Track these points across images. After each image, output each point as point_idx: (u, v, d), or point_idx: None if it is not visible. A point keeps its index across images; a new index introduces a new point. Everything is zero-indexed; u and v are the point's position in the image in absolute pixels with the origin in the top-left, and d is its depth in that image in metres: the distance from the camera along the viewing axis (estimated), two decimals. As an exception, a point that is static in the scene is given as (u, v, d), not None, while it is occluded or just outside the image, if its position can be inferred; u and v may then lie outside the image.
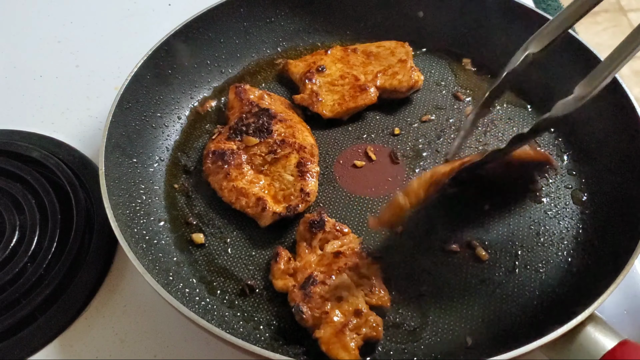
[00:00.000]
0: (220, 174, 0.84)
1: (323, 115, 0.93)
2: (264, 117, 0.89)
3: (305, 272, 0.74)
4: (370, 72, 0.97)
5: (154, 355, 0.75)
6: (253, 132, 0.87)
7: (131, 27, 1.18)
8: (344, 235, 0.78)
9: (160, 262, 0.77)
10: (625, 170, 0.83)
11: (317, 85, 0.96)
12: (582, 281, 0.76)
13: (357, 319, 0.69)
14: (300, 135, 0.88)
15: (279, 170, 0.84)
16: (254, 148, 0.86)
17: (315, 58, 1.00)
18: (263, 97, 0.94)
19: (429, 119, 0.96)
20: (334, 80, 0.97)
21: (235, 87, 0.95)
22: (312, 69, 0.97)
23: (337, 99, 0.94)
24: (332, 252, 0.75)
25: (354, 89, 0.95)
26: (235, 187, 0.82)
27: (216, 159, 0.85)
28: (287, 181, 0.83)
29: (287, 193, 0.82)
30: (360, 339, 0.68)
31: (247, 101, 0.92)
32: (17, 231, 0.82)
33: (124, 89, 0.87)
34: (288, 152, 0.85)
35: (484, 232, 0.82)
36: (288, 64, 1.01)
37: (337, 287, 0.71)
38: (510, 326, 0.73)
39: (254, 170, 0.85)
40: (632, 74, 1.98)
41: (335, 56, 1.00)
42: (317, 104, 0.93)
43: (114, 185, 0.79)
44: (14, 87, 1.08)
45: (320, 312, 0.69)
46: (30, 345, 0.75)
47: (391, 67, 0.97)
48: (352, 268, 0.73)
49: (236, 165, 0.85)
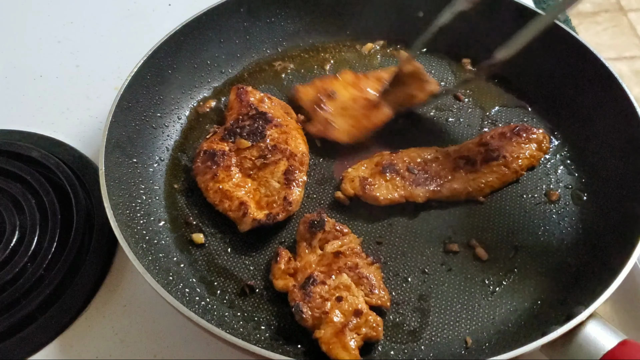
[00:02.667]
0: (208, 174, 0.84)
1: (341, 142, 0.91)
2: (259, 120, 0.88)
3: (306, 272, 0.74)
4: None
5: (154, 355, 0.75)
6: (247, 135, 0.87)
7: (131, 27, 1.18)
8: (344, 235, 0.78)
9: (160, 262, 0.77)
10: (625, 170, 0.83)
11: (329, 113, 0.93)
12: (582, 281, 0.76)
13: (357, 319, 0.69)
14: (293, 143, 0.87)
15: (266, 176, 0.84)
16: (245, 151, 0.86)
17: (325, 83, 0.97)
18: (263, 100, 0.93)
19: (431, 116, 0.96)
20: (345, 105, 0.94)
21: (237, 88, 0.94)
22: (322, 96, 0.94)
23: (352, 124, 0.91)
24: (332, 252, 0.75)
25: (366, 109, 0.92)
26: (220, 189, 0.82)
27: (206, 158, 0.85)
28: (273, 188, 0.83)
29: (270, 200, 0.81)
30: (360, 339, 0.68)
31: (247, 103, 0.91)
32: (17, 231, 0.82)
33: (124, 89, 0.87)
34: (278, 158, 0.84)
35: (484, 232, 0.82)
36: (297, 90, 0.97)
37: (337, 287, 0.71)
38: (510, 326, 0.73)
39: (242, 174, 0.85)
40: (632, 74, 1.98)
41: (346, 81, 0.97)
42: (333, 131, 0.91)
43: (114, 185, 0.79)
44: (14, 87, 1.07)
45: (320, 312, 0.69)
46: (30, 345, 0.75)
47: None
48: (352, 268, 0.73)
49: (225, 167, 0.84)
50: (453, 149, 0.88)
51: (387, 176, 0.83)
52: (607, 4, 2.35)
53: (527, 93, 0.99)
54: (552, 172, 0.89)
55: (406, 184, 0.83)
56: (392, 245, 0.81)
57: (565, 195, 0.86)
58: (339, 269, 0.73)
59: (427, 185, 0.83)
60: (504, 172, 0.86)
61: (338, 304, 0.70)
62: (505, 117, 0.96)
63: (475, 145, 0.88)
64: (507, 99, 0.99)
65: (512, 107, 0.98)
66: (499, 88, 1.00)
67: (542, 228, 0.83)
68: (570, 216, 0.84)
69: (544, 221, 0.83)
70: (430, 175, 0.84)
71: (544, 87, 0.97)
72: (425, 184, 0.83)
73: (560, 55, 0.95)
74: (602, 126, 0.89)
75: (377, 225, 0.83)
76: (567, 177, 0.89)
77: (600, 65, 0.89)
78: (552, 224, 0.83)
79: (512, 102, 0.98)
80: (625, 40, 2.24)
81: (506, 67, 1.02)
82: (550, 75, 0.96)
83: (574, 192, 0.87)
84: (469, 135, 0.94)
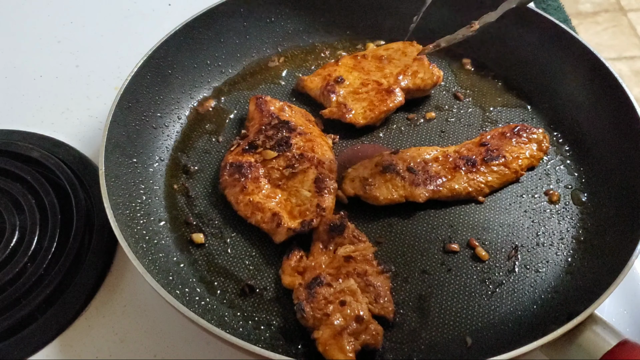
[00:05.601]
0: (237, 187, 0.82)
1: (357, 124, 0.91)
2: (283, 129, 0.87)
3: (314, 272, 0.74)
4: (389, 75, 0.96)
5: (154, 355, 0.75)
6: (272, 145, 0.85)
7: (131, 27, 1.18)
8: (359, 241, 0.77)
9: (160, 262, 0.77)
10: (625, 170, 0.83)
11: (342, 96, 0.94)
12: (582, 281, 0.76)
13: (357, 325, 0.68)
14: (320, 150, 0.86)
15: (296, 186, 0.82)
16: (272, 161, 0.84)
17: (328, 70, 0.98)
18: (284, 109, 0.92)
19: (431, 116, 0.96)
20: (356, 89, 0.95)
21: (255, 98, 0.93)
22: (330, 82, 0.96)
23: (366, 106, 0.92)
24: (344, 256, 0.75)
25: (380, 94, 0.93)
26: (251, 201, 0.80)
27: (233, 171, 0.83)
28: (304, 197, 0.81)
29: (303, 209, 0.80)
30: (358, 344, 0.68)
31: (268, 113, 0.90)
32: (17, 231, 0.82)
33: (124, 89, 0.87)
34: (306, 167, 0.83)
35: (484, 232, 0.82)
36: (303, 80, 0.98)
37: (342, 291, 0.71)
38: (510, 326, 0.73)
39: (271, 185, 0.83)
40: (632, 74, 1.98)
41: (347, 65, 0.99)
42: (349, 114, 0.91)
43: (114, 185, 0.79)
44: (14, 87, 1.08)
45: (322, 314, 0.69)
46: (30, 345, 0.75)
47: (408, 67, 0.97)
48: (360, 274, 0.73)
49: (253, 178, 0.83)
50: (453, 149, 0.88)
51: (387, 176, 0.83)
52: (607, 4, 2.36)
53: (527, 93, 0.99)
54: (552, 172, 0.89)
55: (406, 184, 0.83)
56: (392, 245, 0.81)
57: (565, 195, 0.86)
58: (347, 273, 0.73)
59: (427, 185, 0.83)
60: (504, 172, 0.86)
61: (340, 307, 0.69)
62: (505, 117, 0.96)
63: (475, 145, 0.88)
64: (507, 99, 0.99)
65: (512, 107, 0.98)
66: (499, 88, 1.00)
67: (542, 228, 0.83)
68: (570, 216, 0.84)
69: (544, 221, 0.83)
70: (430, 175, 0.84)
71: (544, 87, 0.97)
72: (425, 184, 0.83)
73: (560, 55, 0.95)
74: (602, 126, 0.89)
75: (377, 225, 0.83)
76: (567, 177, 0.89)
77: (600, 65, 0.89)
78: (552, 224, 0.83)
79: (512, 102, 0.98)
80: (625, 40, 2.24)
81: (506, 67, 1.03)
82: (551, 75, 0.97)
83: (574, 192, 0.87)
84: (469, 135, 0.94)
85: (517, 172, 0.86)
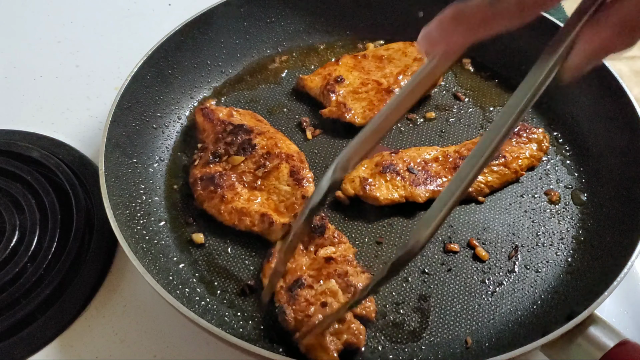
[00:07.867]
0: (215, 198, 0.81)
1: (356, 124, 0.91)
2: (241, 133, 0.86)
3: (295, 274, 0.73)
4: (389, 75, 0.96)
5: (154, 355, 0.75)
6: (235, 151, 0.85)
7: (131, 27, 1.18)
8: (340, 243, 0.77)
9: (160, 262, 0.77)
10: (625, 170, 0.83)
11: (342, 95, 0.94)
12: (582, 281, 0.76)
13: (339, 325, 0.68)
14: (284, 145, 0.86)
15: (273, 183, 0.82)
16: (240, 166, 0.84)
17: (328, 70, 0.99)
18: (232, 114, 0.91)
19: (431, 116, 0.96)
20: (356, 89, 0.95)
21: (200, 109, 0.92)
22: (330, 81, 0.96)
23: (365, 106, 0.92)
24: (324, 257, 0.75)
25: (380, 93, 0.94)
26: (234, 208, 0.80)
27: (206, 184, 0.82)
28: (285, 192, 0.81)
29: (288, 203, 0.80)
30: (340, 344, 0.67)
31: (218, 121, 0.89)
32: (17, 231, 0.82)
33: (124, 89, 0.87)
34: (277, 163, 0.83)
35: (484, 232, 0.82)
36: (303, 79, 0.99)
37: (323, 293, 0.71)
38: (510, 326, 0.73)
39: (248, 188, 0.83)
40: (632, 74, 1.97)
41: (347, 65, 0.99)
42: (348, 113, 0.91)
43: (114, 185, 0.79)
44: (14, 87, 1.08)
45: (304, 316, 0.69)
46: (30, 345, 0.75)
47: (408, 67, 0.97)
48: (341, 275, 0.73)
49: (229, 186, 0.82)
50: (453, 149, 0.88)
51: (387, 176, 0.83)
52: (607, 4, 2.35)
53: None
54: (552, 172, 0.89)
55: (406, 184, 0.83)
56: (392, 245, 0.81)
57: (565, 195, 0.86)
58: (328, 274, 0.73)
59: (427, 185, 0.83)
60: (504, 172, 0.86)
61: (322, 309, 0.69)
62: (505, 117, 0.96)
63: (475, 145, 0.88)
64: (507, 99, 0.98)
65: (512, 107, 0.98)
66: (499, 88, 1.00)
67: (542, 228, 0.83)
68: (570, 216, 0.84)
69: (544, 221, 0.83)
70: (430, 175, 0.84)
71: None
72: (425, 184, 0.83)
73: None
74: (602, 126, 0.89)
75: (377, 225, 0.83)
76: (567, 177, 0.89)
77: (600, 66, 0.89)
78: (552, 224, 0.83)
79: (512, 102, 0.98)
80: (625, 40, 2.23)
81: (506, 67, 1.03)
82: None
83: (574, 192, 0.87)
84: (469, 135, 0.94)
85: (517, 172, 0.86)
